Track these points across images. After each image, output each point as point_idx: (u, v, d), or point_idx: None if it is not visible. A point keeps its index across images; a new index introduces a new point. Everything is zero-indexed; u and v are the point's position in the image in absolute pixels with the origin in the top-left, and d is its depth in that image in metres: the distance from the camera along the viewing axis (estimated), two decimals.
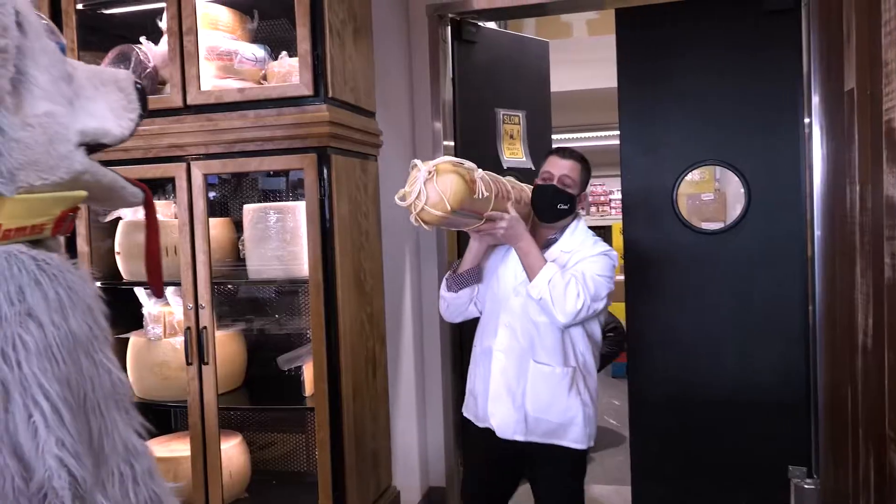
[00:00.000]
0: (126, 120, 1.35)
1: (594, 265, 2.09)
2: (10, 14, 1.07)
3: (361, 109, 2.60)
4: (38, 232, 1.23)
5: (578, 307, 2.01)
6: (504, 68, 3.57)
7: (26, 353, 1.11)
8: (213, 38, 2.46)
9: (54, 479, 1.09)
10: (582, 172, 2.18)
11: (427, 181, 1.79)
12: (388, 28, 3.03)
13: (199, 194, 2.42)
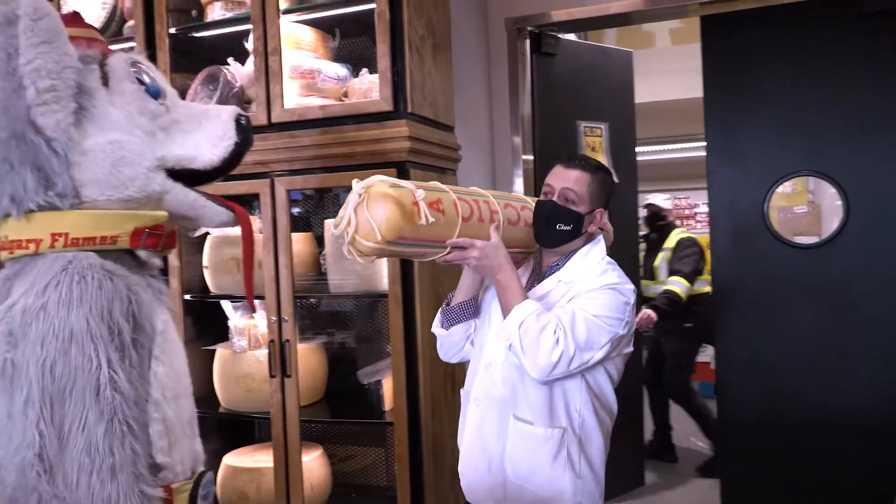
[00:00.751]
0: (220, 148, 1.55)
1: (592, 302, 1.66)
2: (58, 63, 1.33)
3: (440, 124, 2.61)
4: (110, 243, 1.43)
5: (554, 359, 1.60)
6: (585, 80, 3.52)
7: (25, 339, 1.32)
8: (297, 57, 2.52)
9: (28, 448, 1.29)
10: (594, 185, 1.74)
11: (358, 206, 1.49)
12: (466, 42, 3.04)
13: (283, 210, 2.47)
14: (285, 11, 2.47)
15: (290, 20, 2.52)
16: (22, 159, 1.36)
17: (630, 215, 3.85)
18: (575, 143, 3.46)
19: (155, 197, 1.50)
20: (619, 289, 1.70)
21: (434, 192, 1.57)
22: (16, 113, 1.34)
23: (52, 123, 1.34)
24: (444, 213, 1.56)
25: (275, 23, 2.43)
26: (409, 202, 1.49)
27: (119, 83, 1.46)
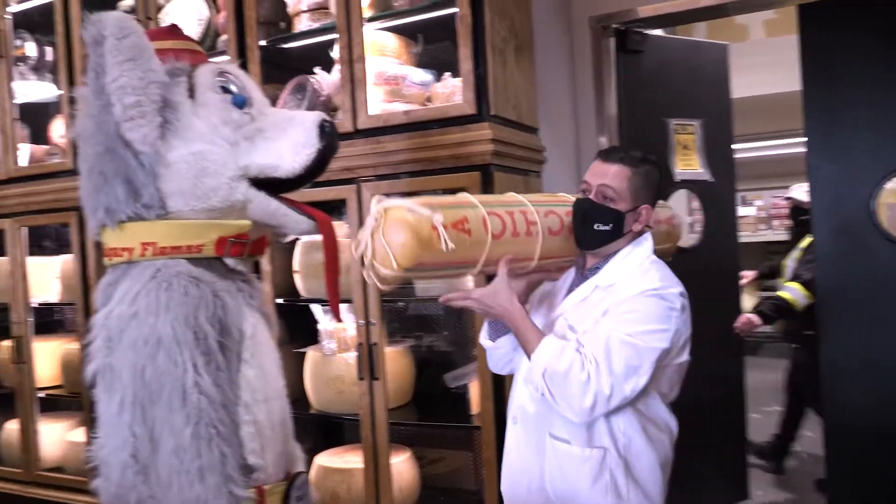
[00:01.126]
0: (302, 155, 1.55)
1: (627, 317, 1.49)
2: (142, 79, 1.39)
3: (524, 126, 2.59)
4: (195, 251, 1.48)
5: (588, 404, 1.45)
6: (675, 76, 3.40)
7: (120, 345, 1.39)
8: (381, 64, 2.55)
9: (124, 448, 1.37)
10: (636, 179, 1.60)
11: (374, 231, 1.41)
12: (549, 42, 3.00)
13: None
14: (369, 19, 2.51)
15: (373, 28, 2.55)
16: (114, 172, 1.44)
17: (727, 215, 3.66)
18: (664, 141, 3.36)
19: (238, 206, 1.54)
20: (662, 293, 1.53)
21: (459, 210, 1.47)
22: (107, 128, 1.41)
23: (139, 137, 1.40)
24: (471, 232, 1.46)
25: (359, 31, 2.47)
26: (428, 227, 1.39)
27: (203, 94, 1.50)
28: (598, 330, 1.52)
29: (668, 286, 1.56)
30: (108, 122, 1.41)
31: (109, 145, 1.42)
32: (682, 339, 1.57)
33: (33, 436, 3.33)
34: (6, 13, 3.29)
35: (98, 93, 1.40)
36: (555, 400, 1.49)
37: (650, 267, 1.61)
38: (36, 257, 3.44)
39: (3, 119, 3.30)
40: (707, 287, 3.24)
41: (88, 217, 1.55)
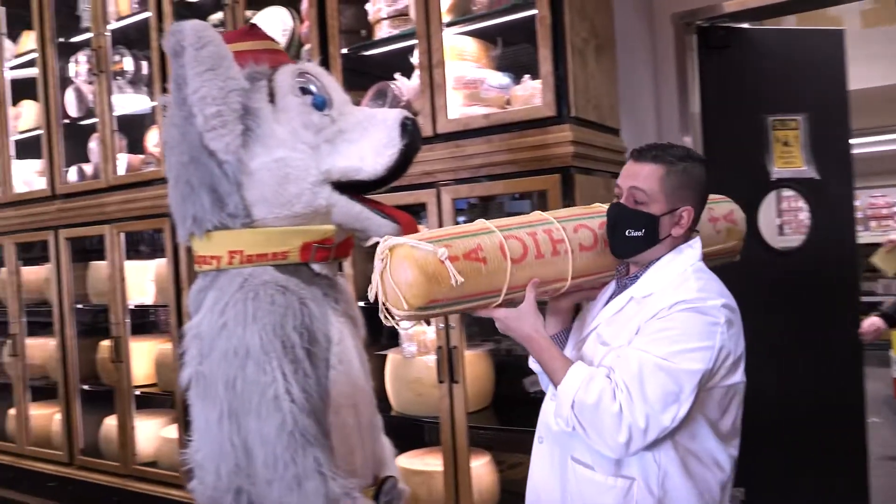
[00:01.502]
0: (384, 156, 1.52)
1: (661, 336, 1.35)
2: (222, 88, 1.39)
3: (605, 127, 2.55)
4: (281, 258, 1.48)
5: (623, 440, 1.31)
6: (773, 69, 3.18)
7: (211, 356, 1.40)
8: (460, 68, 2.56)
9: (225, 458, 1.40)
10: (671, 178, 1.44)
11: (382, 272, 1.34)
12: (631, 41, 2.94)
13: (449, 219, 2.52)
14: (448, 24, 2.52)
15: (452, 32, 2.57)
16: (200, 181, 1.45)
17: (842, 215, 3.38)
18: (760, 138, 3.17)
19: (322, 211, 1.53)
20: (700, 307, 1.36)
21: (473, 238, 1.38)
22: (191, 138, 1.43)
23: (221, 147, 1.40)
24: (487, 260, 1.37)
25: (438, 36, 2.48)
26: (435, 262, 1.32)
27: (283, 98, 1.49)
28: (628, 352, 1.37)
29: (708, 297, 1.39)
30: (191, 132, 1.41)
31: (194, 155, 1.43)
32: (730, 358, 1.39)
33: (130, 431, 3.50)
34: (106, 30, 3.47)
35: (180, 103, 1.41)
36: (587, 434, 1.36)
37: (690, 276, 1.45)
38: (132, 261, 3.61)
39: (103, 130, 3.49)
40: (815, 292, 3.10)
41: (178, 224, 1.56)
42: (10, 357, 4.02)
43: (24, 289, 4.01)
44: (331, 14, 2.73)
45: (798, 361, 3.09)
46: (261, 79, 1.48)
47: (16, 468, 4.00)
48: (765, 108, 3.19)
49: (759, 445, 2.12)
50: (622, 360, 1.37)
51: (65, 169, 3.72)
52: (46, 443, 3.93)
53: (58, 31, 3.72)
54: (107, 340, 3.59)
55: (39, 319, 4.11)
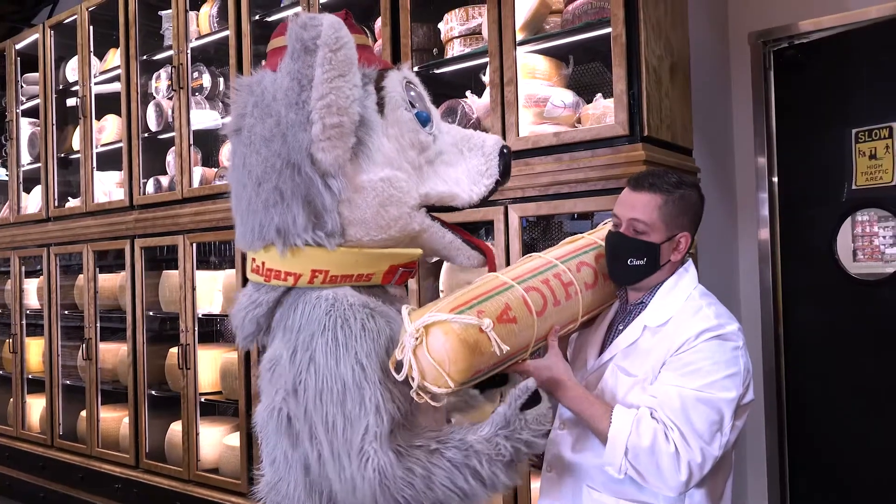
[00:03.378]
0: (480, 185, 1.45)
1: (693, 370, 1.37)
2: (348, 98, 1.24)
3: (678, 147, 2.51)
4: (365, 280, 1.37)
5: (684, 478, 1.33)
6: (855, 75, 2.96)
7: (306, 394, 1.28)
8: (531, 86, 2.56)
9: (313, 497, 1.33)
10: (668, 207, 1.47)
11: (416, 349, 1.25)
12: (706, 59, 2.90)
13: (515, 236, 2.51)
14: (521, 42, 2.53)
15: (524, 51, 2.57)
16: (293, 191, 1.29)
17: None
18: (842, 153, 2.95)
19: (413, 235, 1.42)
20: (722, 334, 1.40)
21: (498, 297, 1.34)
22: (295, 143, 1.27)
23: (331, 159, 1.26)
24: (517, 320, 1.34)
25: (511, 54, 2.49)
26: (475, 332, 1.27)
27: (395, 111, 1.35)
28: (667, 389, 1.39)
29: (726, 323, 1.44)
30: (300, 136, 1.26)
31: (294, 161, 1.27)
32: (748, 379, 1.44)
33: (194, 437, 3.58)
34: (187, 48, 3.60)
35: (297, 104, 1.25)
36: (645, 479, 1.37)
37: (701, 303, 1.48)
38: (202, 271, 3.72)
39: (180, 144, 3.61)
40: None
41: (245, 228, 1.39)
42: (84, 361, 4.17)
43: (100, 295, 4.16)
44: (404, 33, 2.78)
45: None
46: (368, 83, 1.33)
47: (84, 468, 4.13)
48: (848, 120, 2.95)
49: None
50: (662, 398, 1.38)
51: (143, 181, 3.86)
52: (114, 445, 4.05)
53: (141, 48, 3.88)
54: (175, 347, 3.69)
55: (112, 325, 4.26)
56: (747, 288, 3.07)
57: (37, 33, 4.56)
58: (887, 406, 2.81)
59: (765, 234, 3.06)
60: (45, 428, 4.51)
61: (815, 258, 3.00)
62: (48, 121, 4.46)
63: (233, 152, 1.41)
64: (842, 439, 2.91)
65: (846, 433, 2.89)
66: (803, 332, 3.02)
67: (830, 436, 2.95)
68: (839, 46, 2.97)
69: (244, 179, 1.35)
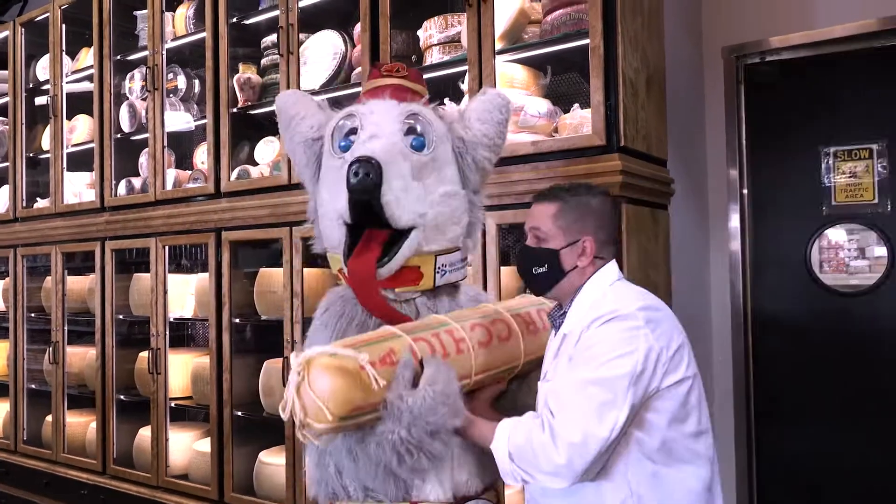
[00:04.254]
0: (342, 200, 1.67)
1: (586, 356, 1.41)
2: (289, 144, 1.76)
3: (653, 157, 2.54)
4: (339, 280, 1.67)
5: (562, 460, 1.34)
6: (826, 97, 3.03)
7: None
8: (509, 95, 2.57)
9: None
10: (565, 213, 1.53)
11: (299, 385, 1.29)
12: (680, 72, 2.94)
13: (492, 243, 2.52)
14: (499, 52, 2.55)
15: (503, 60, 2.59)
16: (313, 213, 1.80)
17: None
18: (818, 171, 3.02)
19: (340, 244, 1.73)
20: (615, 317, 1.41)
21: (384, 343, 1.40)
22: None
23: (306, 185, 1.81)
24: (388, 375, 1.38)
25: (489, 63, 2.51)
26: (355, 369, 1.31)
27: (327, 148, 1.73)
28: (558, 382, 1.45)
29: (622, 307, 1.44)
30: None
31: (309, 191, 1.80)
32: (663, 356, 1.42)
33: (164, 443, 3.53)
34: (162, 49, 3.57)
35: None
36: (533, 477, 1.40)
37: (607, 293, 1.51)
38: (174, 275, 3.67)
39: (153, 146, 3.57)
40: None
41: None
42: (51, 364, 4.10)
43: (68, 297, 4.09)
44: (383, 39, 2.78)
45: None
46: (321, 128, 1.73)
47: (49, 474, 4.05)
48: (822, 137, 3.02)
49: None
50: (552, 392, 1.44)
51: (115, 182, 3.81)
52: (80, 451, 3.98)
53: (115, 48, 3.84)
54: (145, 351, 3.64)
55: (80, 329, 4.19)
56: (719, 299, 3.12)
57: (7, 30, 4.48)
58: (860, 418, 2.89)
59: (735, 245, 3.11)
60: (8, 433, 4.40)
61: (786, 269, 3.06)
62: (17, 119, 4.38)
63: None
64: (812, 450, 2.98)
65: (817, 444, 2.96)
66: (774, 343, 3.08)
67: (801, 447, 3.01)
68: (809, 64, 3.05)
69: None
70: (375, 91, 1.69)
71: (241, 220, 3.18)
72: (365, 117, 1.62)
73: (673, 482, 1.45)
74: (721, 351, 3.11)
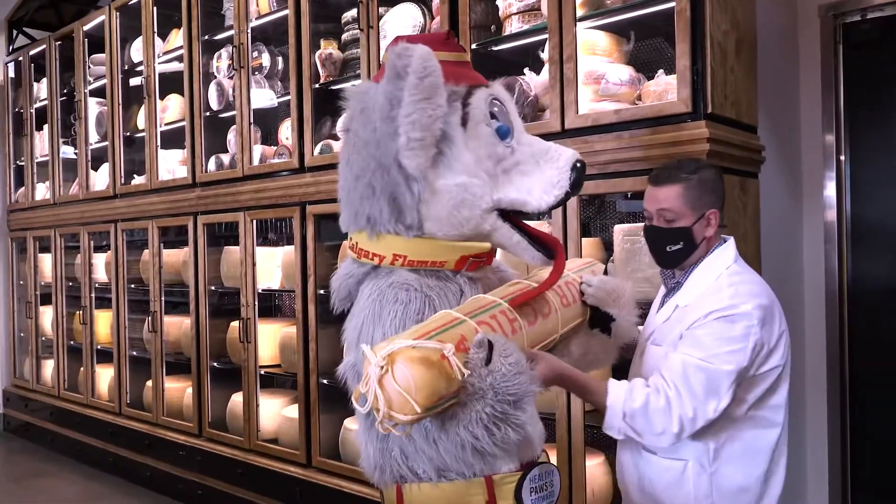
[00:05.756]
0: (550, 195, 1.59)
1: (702, 342, 1.58)
2: (431, 116, 1.45)
3: (742, 124, 2.45)
4: (439, 266, 1.57)
5: (675, 429, 1.56)
6: None
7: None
8: (591, 63, 2.53)
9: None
10: (690, 192, 1.68)
11: (382, 378, 1.31)
12: (772, 34, 2.81)
13: (573, 215, 2.49)
14: (580, 18, 2.49)
15: (584, 27, 2.53)
16: (383, 188, 1.52)
17: None
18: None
19: (484, 233, 1.60)
20: (732, 315, 1.58)
21: (453, 330, 1.42)
22: (387, 150, 1.49)
23: (413, 165, 1.47)
24: (470, 349, 1.41)
25: (570, 30, 2.46)
26: (438, 357, 1.34)
27: (476, 126, 1.55)
28: (672, 356, 1.62)
29: (741, 303, 1.59)
30: (389, 145, 1.48)
31: (384, 163, 1.50)
32: (764, 350, 1.61)
33: (254, 409, 3.69)
34: (247, 28, 3.66)
35: (387, 119, 1.47)
36: (641, 436, 1.60)
37: (724, 281, 1.66)
38: (262, 247, 3.81)
39: (240, 123, 3.69)
40: None
41: (347, 215, 1.63)
42: (150, 333, 4.33)
43: (164, 270, 4.31)
44: (462, 10, 2.77)
45: None
46: (456, 100, 1.54)
47: (150, 436, 4.31)
48: None
49: None
50: (667, 363, 1.62)
51: (204, 159, 3.96)
52: (178, 414, 4.21)
53: (203, 28, 3.97)
54: (236, 321, 3.80)
55: (175, 299, 4.41)
56: (812, 272, 2.99)
57: (103, 15, 4.69)
58: None
59: (831, 215, 2.97)
60: (113, 396, 4.71)
61: (886, 241, 2.90)
62: (114, 100, 4.61)
63: (342, 148, 1.65)
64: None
65: None
66: (871, 320, 2.94)
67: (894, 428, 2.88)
68: None
69: (347, 173, 1.60)
70: (467, 68, 1.64)
71: (325, 194, 3.25)
72: (507, 104, 1.62)
73: (747, 441, 1.67)
74: (814, 327, 2.98)
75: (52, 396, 5.30)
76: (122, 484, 4.48)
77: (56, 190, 5.28)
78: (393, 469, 1.52)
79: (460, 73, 1.56)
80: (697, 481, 1.66)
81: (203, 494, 3.94)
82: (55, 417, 5.24)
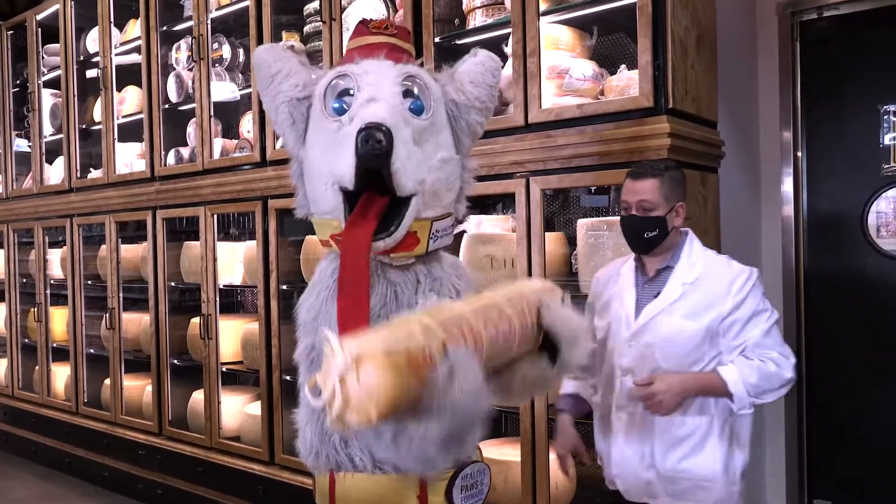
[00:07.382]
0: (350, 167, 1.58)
1: (758, 313, 1.89)
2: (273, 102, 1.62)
3: (703, 119, 2.48)
4: (327, 245, 1.63)
5: (792, 375, 1.87)
6: (888, 55, 2.90)
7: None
8: (554, 57, 2.54)
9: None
10: (665, 186, 1.90)
11: (345, 376, 1.20)
12: (732, 30, 2.84)
13: (537, 209, 2.50)
14: (544, 13, 2.50)
15: (548, 21, 2.54)
16: (294, 175, 1.69)
17: None
18: (873, 130, 2.91)
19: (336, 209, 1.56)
20: (752, 276, 1.90)
21: (423, 340, 1.30)
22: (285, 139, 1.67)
23: (288, 146, 1.66)
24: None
25: (534, 25, 2.47)
26: (406, 369, 1.24)
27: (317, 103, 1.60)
28: (748, 334, 1.88)
29: (748, 269, 1.92)
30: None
31: (294, 153, 1.66)
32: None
33: (216, 406, 3.64)
34: (207, 19, 3.59)
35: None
36: (767, 398, 1.87)
37: (710, 255, 1.97)
38: (223, 242, 3.74)
39: (200, 116, 3.62)
40: None
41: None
42: (108, 330, 4.24)
43: (122, 266, 4.22)
44: (425, 3, 2.75)
45: None
46: (311, 86, 1.62)
47: (108, 435, 4.22)
48: (882, 98, 2.91)
49: None
50: (751, 341, 1.87)
51: (163, 152, 3.89)
52: (137, 413, 4.13)
53: (161, 19, 3.88)
54: (197, 318, 3.73)
55: (134, 296, 4.32)
56: (770, 264, 3.05)
57: (57, 3, 4.56)
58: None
59: (788, 209, 3.03)
60: (69, 395, 4.60)
61: (841, 234, 2.97)
62: (70, 92, 4.49)
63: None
64: (861, 407, 2.93)
65: (866, 402, 2.92)
66: (827, 309, 3.00)
67: (852, 415, 2.95)
68: (871, 20, 2.91)
69: None
70: (367, 49, 1.59)
71: (287, 189, 3.18)
72: (360, 78, 1.52)
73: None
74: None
75: (6, 396, 5.16)
76: (80, 485, 4.38)
77: (9, 184, 5.13)
78: (330, 455, 1.49)
79: (363, 52, 1.60)
80: (722, 437, 1.90)
81: (163, 494, 3.87)
82: (9, 417, 5.10)
